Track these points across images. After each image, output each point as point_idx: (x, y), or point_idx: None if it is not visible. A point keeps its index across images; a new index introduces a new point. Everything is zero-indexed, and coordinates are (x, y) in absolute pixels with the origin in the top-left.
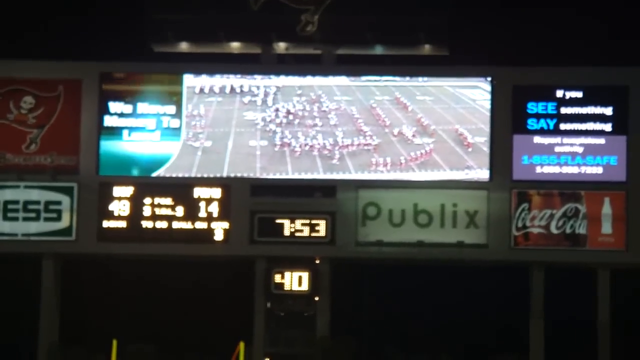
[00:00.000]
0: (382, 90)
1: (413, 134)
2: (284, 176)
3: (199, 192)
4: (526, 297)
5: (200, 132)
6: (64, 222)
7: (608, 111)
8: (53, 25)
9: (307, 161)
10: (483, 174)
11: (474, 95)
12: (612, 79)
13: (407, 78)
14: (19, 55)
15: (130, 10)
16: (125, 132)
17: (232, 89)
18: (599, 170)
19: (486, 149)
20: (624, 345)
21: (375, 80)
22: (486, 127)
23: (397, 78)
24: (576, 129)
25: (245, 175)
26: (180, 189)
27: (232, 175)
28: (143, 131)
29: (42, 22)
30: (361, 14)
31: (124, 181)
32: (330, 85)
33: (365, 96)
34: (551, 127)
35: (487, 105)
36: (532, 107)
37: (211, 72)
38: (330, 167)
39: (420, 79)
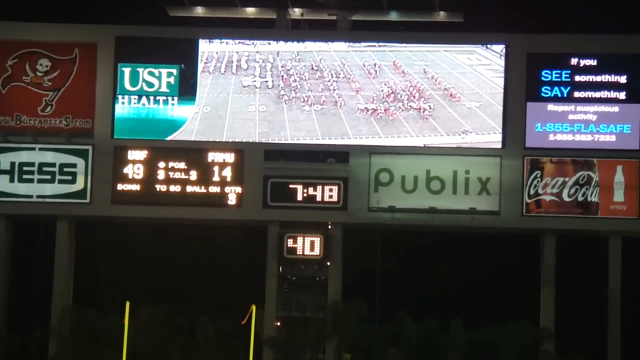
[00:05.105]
0: (379, 55)
1: (409, 97)
2: (297, 141)
3: (212, 156)
4: (538, 264)
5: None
6: (79, 185)
7: (622, 79)
8: None
9: (307, 124)
10: (479, 139)
11: (470, 60)
12: (626, 47)
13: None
14: (35, 18)
15: None
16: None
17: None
18: (612, 138)
19: (482, 113)
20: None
21: (372, 45)
22: (482, 92)
23: (396, 43)
24: (590, 96)
25: (244, 140)
26: (194, 153)
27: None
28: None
29: None
30: None
31: (138, 145)
32: (329, 50)
33: (363, 60)
34: (565, 95)
35: (484, 70)
36: (546, 75)
37: (225, 37)
38: (330, 131)
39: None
